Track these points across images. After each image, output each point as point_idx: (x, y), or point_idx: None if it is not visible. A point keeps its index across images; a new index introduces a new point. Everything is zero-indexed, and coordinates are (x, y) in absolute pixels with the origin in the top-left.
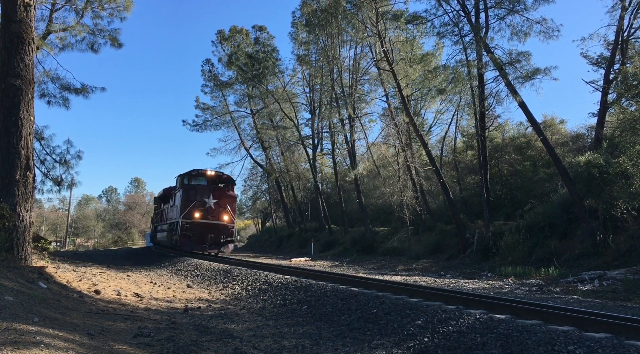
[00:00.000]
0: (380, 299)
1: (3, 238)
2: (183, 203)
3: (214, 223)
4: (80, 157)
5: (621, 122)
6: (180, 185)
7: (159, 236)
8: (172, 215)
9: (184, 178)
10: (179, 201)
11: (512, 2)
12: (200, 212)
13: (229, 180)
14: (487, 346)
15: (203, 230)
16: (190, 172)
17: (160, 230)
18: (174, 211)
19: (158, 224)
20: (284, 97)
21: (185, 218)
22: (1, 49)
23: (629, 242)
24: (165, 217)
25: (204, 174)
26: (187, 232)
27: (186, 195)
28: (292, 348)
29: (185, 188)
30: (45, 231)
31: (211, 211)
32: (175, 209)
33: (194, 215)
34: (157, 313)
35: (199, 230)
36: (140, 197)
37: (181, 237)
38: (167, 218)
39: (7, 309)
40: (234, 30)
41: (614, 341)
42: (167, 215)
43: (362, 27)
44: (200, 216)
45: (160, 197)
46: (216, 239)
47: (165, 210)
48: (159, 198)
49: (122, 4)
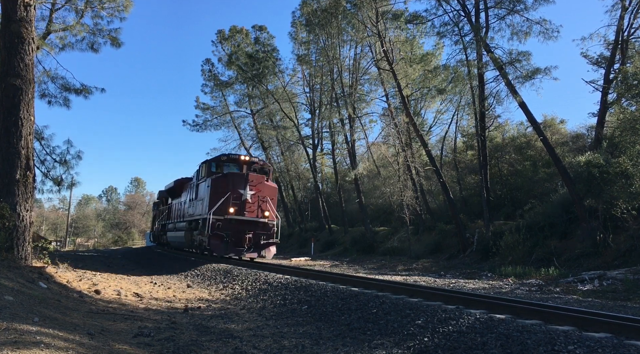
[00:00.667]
0: (380, 299)
1: (3, 238)
2: (213, 195)
3: (252, 220)
4: (80, 157)
5: (621, 122)
6: (206, 173)
7: (171, 236)
8: (194, 211)
9: (212, 165)
10: (205, 194)
11: (512, 2)
12: (235, 207)
13: (266, 167)
14: (487, 345)
15: (239, 229)
16: (219, 157)
17: (171, 229)
18: (197, 206)
19: (167, 222)
20: (284, 96)
21: (217, 215)
22: (1, 49)
23: (629, 242)
24: (179, 214)
25: (236, 159)
26: (219, 232)
27: (216, 185)
28: (292, 347)
29: (214, 177)
30: (45, 231)
31: (248, 205)
32: (200, 203)
33: (228, 210)
34: (157, 312)
35: (235, 229)
36: (140, 197)
37: (212, 238)
38: (184, 214)
39: (7, 309)
40: (234, 30)
41: (614, 341)
42: (184, 211)
43: (362, 27)
44: (235, 211)
45: (169, 191)
46: (255, 240)
47: (175, 206)
48: (167, 191)
49: (121, 4)
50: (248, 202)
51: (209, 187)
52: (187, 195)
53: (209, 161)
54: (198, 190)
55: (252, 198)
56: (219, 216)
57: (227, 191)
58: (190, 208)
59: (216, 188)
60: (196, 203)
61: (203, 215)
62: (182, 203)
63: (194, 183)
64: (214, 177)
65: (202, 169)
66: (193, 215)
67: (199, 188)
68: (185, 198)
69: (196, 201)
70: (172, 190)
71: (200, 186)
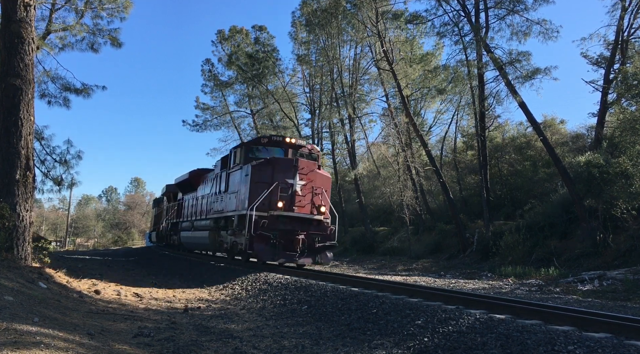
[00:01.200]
0: (380, 299)
1: (3, 238)
2: (254, 186)
3: (305, 217)
4: (80, 157)
5: (621, 122)
6: (242, 159)
7: (186, 236)
8: (223, 206)
9: (250, 149)
10: (242, 184)
11: (512, 3)
12: (283, 201)
13: (314, 153)
14: (487, 346)
15: (289, 229)
16: (257, 139)
17: (186, 228)
18: (228, 200)
19: (180, 220)
20: (284, 97)
21: (260, 211)
22: (1, 49)
23: (629, 242)
24: (196, 210)
25: (280, 142)
26: (264, 232)
27: (258, 173)
28: (292, 347)
29: (256, 164)
30: (45, 231)
31: (298, 199)
32: (233, 197)
33: (276, 204)
34: (157, 312)
35: (284, 229)
36: (140, 197)
37: (256, 240)
38: (206, 211)
39: (7, 309)
40: (234, 30)
41: (614, 341)
42: (206, 207)
43: (362, 27)
44: (283, 206)
45: (180, 184)
46: (309, 242)
47: (190, 201)
48: (177, 185)
49: (121, 5)
50: (298, 195)
51: (248, 176)
52: (210, 187)
53: (246, 144)
54: (229, 181)
55: (302, 190)
56: (262, 213)
57: (274, 181)
58: (217, 203)
59: (259, 176)
60: (226, 197)
61: (239, 210)
62: (201, 198)
63: (222, 173)
64: (255, 163)
65: (236, 154)
66: (222, 211)
67: (231, 178)
68: (206, 191)
69: (226, 195)
70: (185, 183)
71: (234, 175)
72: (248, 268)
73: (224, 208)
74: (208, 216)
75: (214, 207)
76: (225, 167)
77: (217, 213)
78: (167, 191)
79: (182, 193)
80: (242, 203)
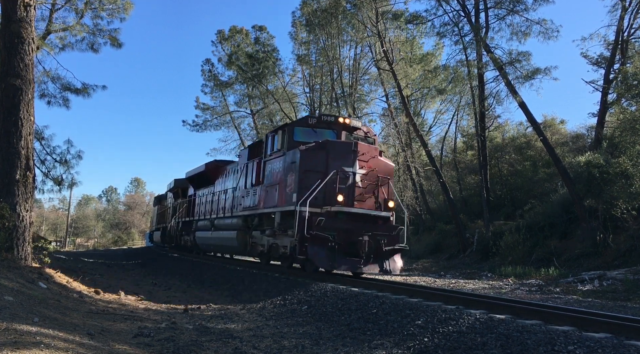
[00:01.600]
0: (380, 299)
1: (3, 238)
2: (303, 175)
3: (371, 214)
4: (80, 157)
5: (621, 122)
6: (284, 144)
7: (204, 237)
8: (257, 202)
9: (294, 132)
10: (287, 174)
11: (512, 3)
12: (343, 194)
13: (371, 136)
14: (487, 346)
15: (350, 228)
16: (304, 119)
17: (203, 227)
18: (266, 194)
19: (194, 219)
20: (284, 97)
21: (313, 206)
22: (1, 49)
23: (629, 242)
24: (215, 207)
25: (333, 123)
26: (320, 232)
27: (309, 160)
28: (292, 347)
29: (305, 149)
30: (45, 231)
31: (359, 191)
32: (273, 190)
33: (334, 198)
34: (157, 313)
35: (344, 228)
36: (140, 197)
37: (311, 243)
38: (230, 207)
39: (7, 309)
40: (234, 30)
41: (614, 341)
42: (230, 203)
43: (362, 27)
44: (344, 201)
45: (193, 178)
46: (376, 246)
47: (206, 197)
48: (189, 179)
49: (121, 5)
50: (359, 187)
51: (296, 164)
52: (235, 180)
53: (290, 126)
54: (265, 171)
55: (363, 181)
56: (315, 209)
57: (329, 170)
58: (247, 198)
59: (310, 164)
60: (260, 191)
61: (282, 206)
62: (221, 193)
63: (250, 164)
64: (305, 148)
65: (277, 139)
66: (255, 207)
67: (268, 167)
68: (228, 185)
69: (260, 188)
70: (200, 176)
71: (272, 164)
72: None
73: (258, 204)
74: (234, 214)
75: (242, 203)
76: (255, 156)
77: (247, 209)
78: (175, 187)
79: (194, 188)
80: (286, 197)
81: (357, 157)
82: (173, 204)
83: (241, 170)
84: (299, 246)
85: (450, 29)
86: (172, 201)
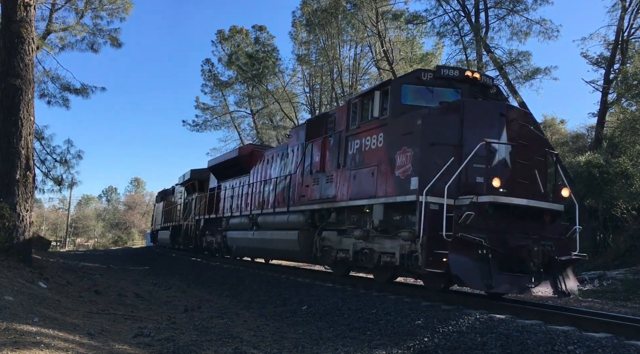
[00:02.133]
0: (380, 299)
1: (3, 238)
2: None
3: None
4: (80, 157)
5: (621, 122)
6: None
7: (237, 238)
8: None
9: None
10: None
11: (512, 2)
12: (497, 177)
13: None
14: (487, 346)
15: (508, 229)
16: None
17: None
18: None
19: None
20: (284, 97)
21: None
22: (1, 49)
23: (629, 242)
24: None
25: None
26: (469, 235)
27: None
28: (292, 347)
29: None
30: (45, 231)
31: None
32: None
33: (490, 183)
34: (157, 313)
35: (499, 229)
36: (140, 197)
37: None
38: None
39: (7, 309)
40: (234, 30)
41: (614, 341)
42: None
43: (362, 27)
44: (500, 186)
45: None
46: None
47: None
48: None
49: (121, 5)
50: (507, 167)
51: (417, 134)
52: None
53: (396, 83)
54: (350, 149)
55: (515, 160)
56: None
57: (469, 142)
58: (316, 188)
59: (437, 134)
60: (342, 176)
61: (388, 196)
62: (262, 184)
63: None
64: (429, 111)
65: (372, 104)
66: (332, 198)
67: (354, 144)
68: (273, 173)
69: (342, 173)
70: (229, 165)
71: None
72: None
73: (335, 195)
74: (292, 209)
75: (306, 194)
76: (317, 134)
77: (315, 202)
78: (191, 179)
79: (217, 179)
80: (397, 183)
81: (506, 126)
82: (186, 199)
83: (294, 153)
84: (424, 255)
85: (450, 28)
86: (183, 196)
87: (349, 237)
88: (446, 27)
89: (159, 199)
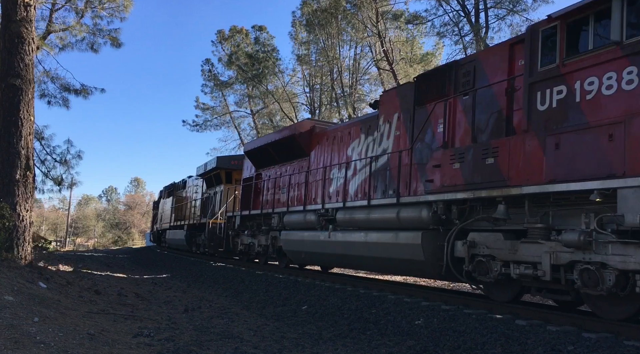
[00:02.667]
0: (380, 299)
1: (3, 238)
2: None
3: None
4: (80, 157)
5: None
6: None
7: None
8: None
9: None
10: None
11: (512, 3)
12: None
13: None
14: (487, 346)
15: None
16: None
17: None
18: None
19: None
20: (284, 97)
21: None
22: (1, 49)
23: None
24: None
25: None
26: None
27: None
28: (292, 347)
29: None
30: (45, 231)
31: None
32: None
33: None
34: (157, 312)
35: None
36: (140, 197)
37: None
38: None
39: (7, 309)
40: (233, 30)
41: (614, 341)
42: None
43: (362, 27)
44: None
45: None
46: None
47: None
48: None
49: (121, 4)
50: None
51: None
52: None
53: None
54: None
55: None
56: None
57: None
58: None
59: None
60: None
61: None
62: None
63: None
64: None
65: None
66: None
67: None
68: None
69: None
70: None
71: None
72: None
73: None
74: (407, 200)
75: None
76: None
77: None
78: (217, 168)
79: (257, 166)
80: None
81: None
82: (206, 193)
83: (392, 123)
84: None
85: (450, 29)
86: (201, 189)
87: (538, 243)
88: (446, 27)
89: (165, 195)
